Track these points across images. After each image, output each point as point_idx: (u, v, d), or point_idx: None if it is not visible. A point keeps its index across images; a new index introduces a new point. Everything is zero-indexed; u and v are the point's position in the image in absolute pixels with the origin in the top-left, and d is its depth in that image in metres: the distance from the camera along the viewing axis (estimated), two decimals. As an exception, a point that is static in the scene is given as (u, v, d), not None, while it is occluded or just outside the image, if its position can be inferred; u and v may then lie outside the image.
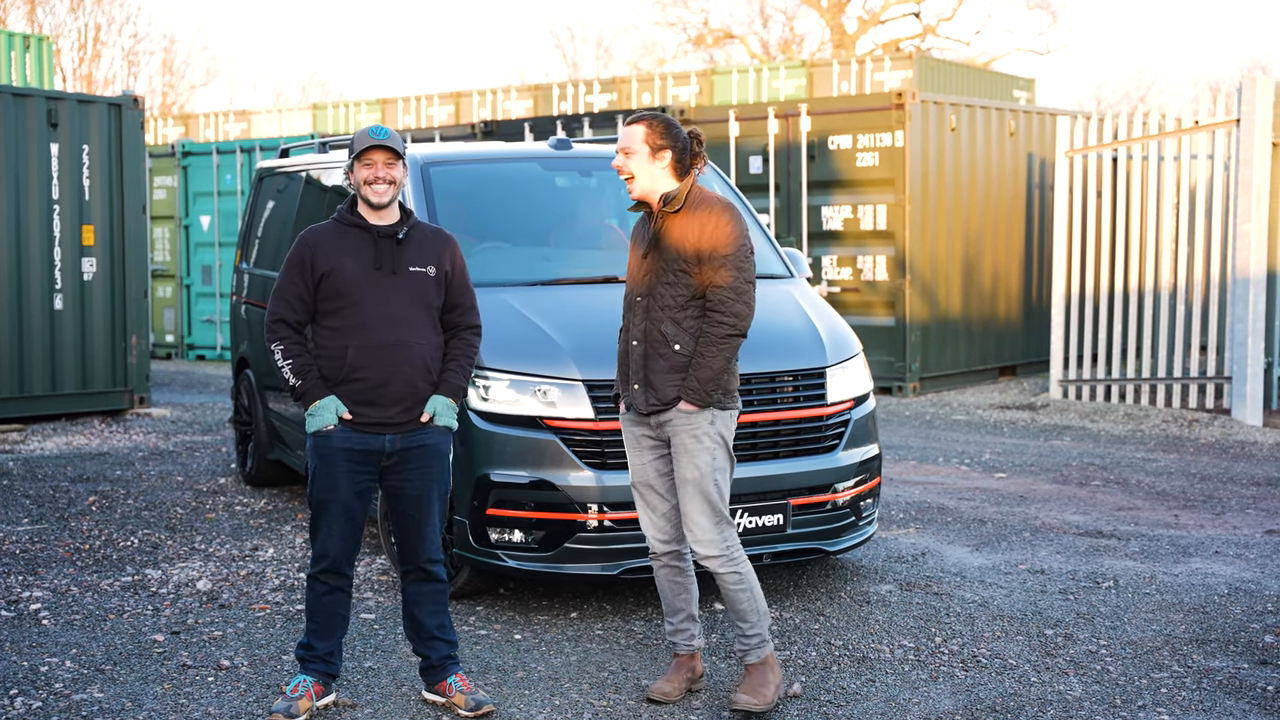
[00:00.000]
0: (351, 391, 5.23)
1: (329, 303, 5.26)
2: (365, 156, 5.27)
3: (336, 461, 5.24)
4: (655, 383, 5.34)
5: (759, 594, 5.39)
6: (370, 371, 5.22)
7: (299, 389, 5.23)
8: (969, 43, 42.60)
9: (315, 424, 5.22)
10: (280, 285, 5.32)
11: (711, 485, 5.30)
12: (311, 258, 5.26)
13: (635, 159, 5.35)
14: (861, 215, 14.85)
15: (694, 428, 5.30)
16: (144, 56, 42.76)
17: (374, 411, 5.24)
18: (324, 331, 5.29)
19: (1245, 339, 12.65)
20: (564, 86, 26.57)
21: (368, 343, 5.23)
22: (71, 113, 12.84)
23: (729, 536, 5.34)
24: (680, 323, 5.31)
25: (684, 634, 5.59)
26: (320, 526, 5.31)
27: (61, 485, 9.81)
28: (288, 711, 5.26)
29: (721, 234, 5.26)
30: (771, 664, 5.40)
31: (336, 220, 5.37)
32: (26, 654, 6.06)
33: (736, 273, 5.25)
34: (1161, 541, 8.17)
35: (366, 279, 5.25)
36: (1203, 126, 13.26)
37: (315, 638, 5.40)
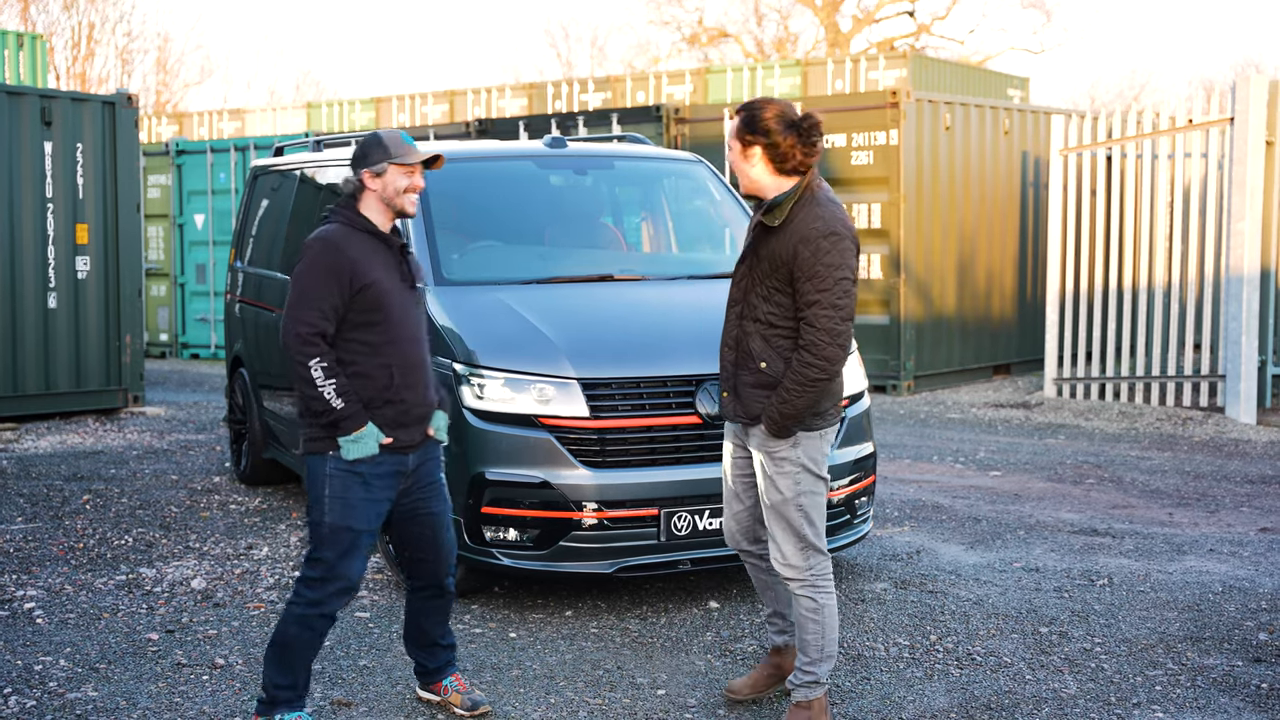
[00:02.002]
0: (392, 414, 4.96)
1: (364, 316, 4.90)
2: (409, 165, 4.99)
3: (376, 488, 4.96)
4: (743, 395, 5.03)
5: (830, 633, 5.08)
6: (408, 393, 4.99)
7: (344, 412, 4.82)
8: (963, 41, 42.72)
9: (358, 452, 4.87)
10: (312, 293, 4.84)
11: (793, 510, 5.00)
12: (352, 266, 4.87)
13: (732, 154, 4.96)
14: (856, 214, 14.85)
15: (775, 451, 5.00)
16: (138, 55, 42.76)
17: (404, 434, 5.00)
18: (358, 348, 4.92)
19: (1239, 337, 12.66)
20: (558, 85, 26.56)
21: (406, 362, 4.99)
22: (65, 111, 12.82)
23: (815, 564, 5.05)
24: (770, 340, 4.95)
25: (773, 626, 5.53)
26: (350, 558, 4.95)
27: (56, 484, 9.80)
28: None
29: (822, 264, 4.77)
30: (817, 712, 5.10)
31: (351, 226, 4.99)
32: (21, 653, 6.06)
33: (832, 311, 4.77)
34: (1156, 539, 8.18)
35: (397, 293, 4.98)
36: (1197, 125, 13.27)
37: (301, 671, 5.04)
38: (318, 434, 4.92)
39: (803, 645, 5.11)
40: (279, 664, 4.99)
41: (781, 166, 4.91)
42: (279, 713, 5.02)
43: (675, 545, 6.45)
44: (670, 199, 8.47)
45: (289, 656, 4.99)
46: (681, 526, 6.44)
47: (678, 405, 6.45)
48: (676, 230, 8.33)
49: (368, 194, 5.01)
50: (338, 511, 4.91)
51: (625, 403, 6.45)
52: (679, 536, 6.44)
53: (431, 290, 7.06)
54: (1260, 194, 12.73)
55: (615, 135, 9.39)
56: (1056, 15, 64.77)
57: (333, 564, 4.93)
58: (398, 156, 4.97)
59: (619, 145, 8.86)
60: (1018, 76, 27.72)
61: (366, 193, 5.01)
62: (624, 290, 7.36)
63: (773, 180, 4.94)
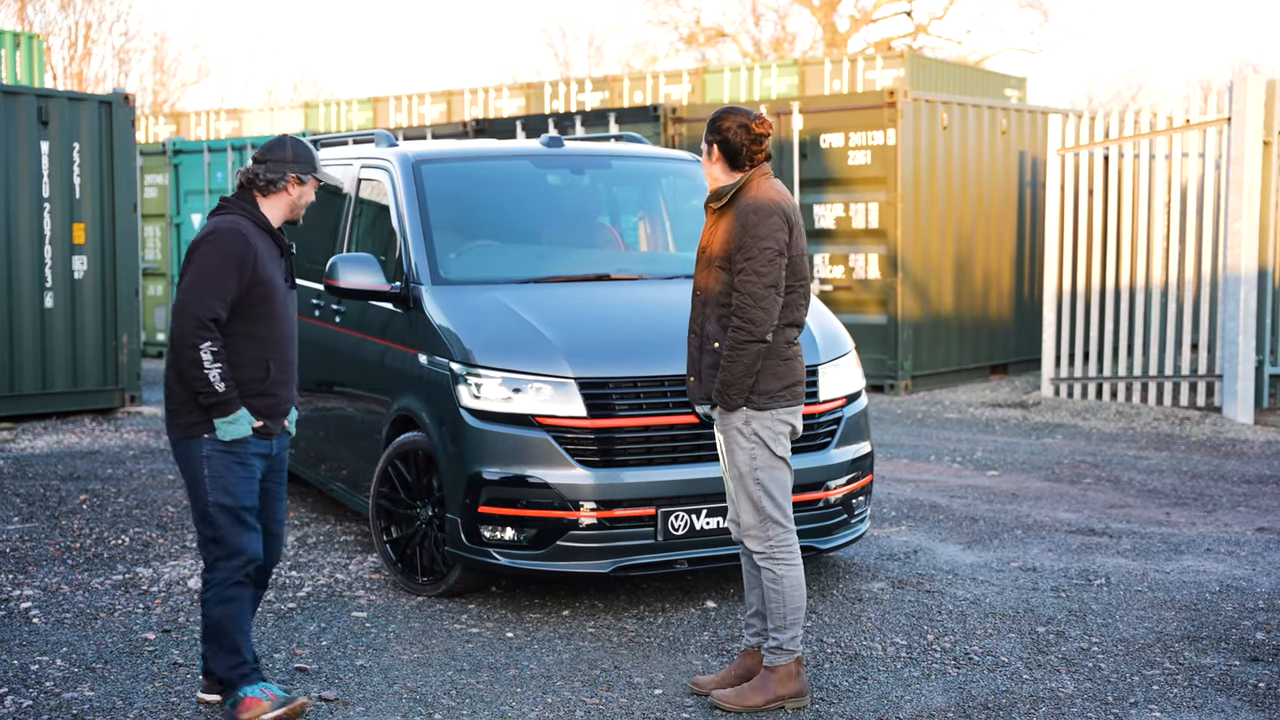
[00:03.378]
0: (263, 405, 5.21)
1: (254, 310, 5.13)
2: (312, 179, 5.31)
3: (248, 466, 5.19)
4: (704, 377, 5.41)
5: (792, 601, 5.37)
6: (281, 389, 5.26)
7: (223, 396, 5.05)
8: (960, 41, 42.65)
9: (235, 433, 5.11)
10: (214, 280, 5.03)
11: (753, 484, 5.33)
12: (254, 259, 5.10)
13: (703, 156, 5.43)
14: (854, 213, 14.85)
15: (729, 427, 5.34)
16: (135, 54, 42.67)
17: (271, 425, 5.26)
18: (243, 341, 5.14)
19: (1236, 337, 12.67)
20: (556, 85, 26.56)
21: (283, 359, 5.25)
22: (62, 111, 12.81)
23: (775, 535, 5.36)
24: (720, 320, 5.33)
25: (750, 628, 5.62)
26: (241, 531, 5.17)
27: (52, 484, 9.79)
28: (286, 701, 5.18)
29: (749, 235, 5.20)
30: (782, 678, 5.38)
31: (252, 221, 5.19)
32: (17, 652, 6.05)
33: (755, 277, 5.18)
34: (1153, 539, 8.18)
35: (282, 291, 5.23)
36: (1194, 125, 13.28)
37: (244, 646, 5.23)
38: (194, 418, 5.13)
39: (769, 613, 5.41)
40: (220, 647, 5.22)
41: (734, 163, 5.37)
42: (240, 689, 5.19)
43: (672, 545, 6.45)
44: (667, 198, 8.47)
45: (224, 637, 5.21)
46: (679, 526, 6.44)
47: (675, 405, 6.45)
48: (673, 229, 8.33)
49: (280, 195, 5.26)
50: (221, 491, 5.14)
51: (622, 402, 6.45)
52: (676, 536, 6.44)
53: (428, 289, 7.06)
54: (1257, 194, 12.73)
55: (613, 135, 9.38)
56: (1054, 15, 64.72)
57: (226, 540, 5.16)
58: (319, 173, 5.32)
59: (616, 145, 8.86)
60: (1015, 76, 27.73)
61: (280, 194, 5.25)
62: (621, 290, 7.36)
63: (726, 176, 5.39)
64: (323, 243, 8.43)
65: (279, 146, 5.28)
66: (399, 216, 7.46)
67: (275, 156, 5.24)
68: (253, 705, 5.16)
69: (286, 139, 5.34)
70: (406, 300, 7.15)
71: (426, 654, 6.05)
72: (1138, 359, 13.72)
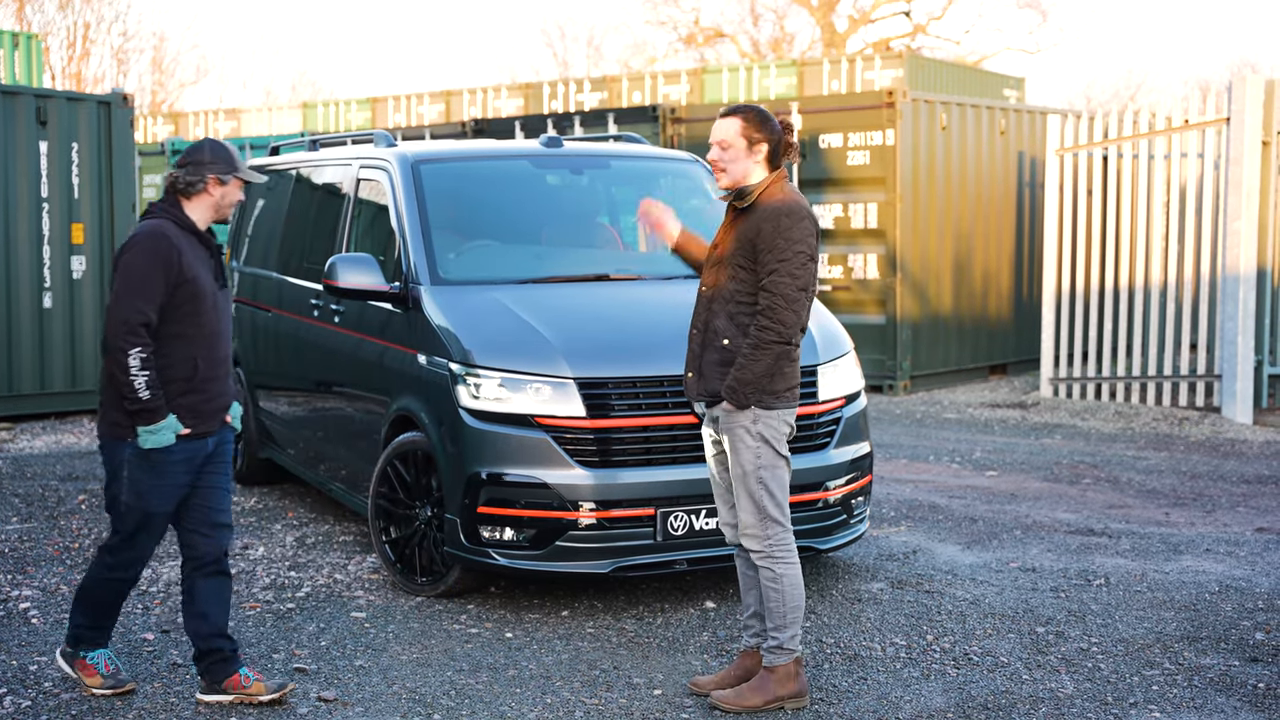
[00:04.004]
0: (193, 402, 5.30)
1: (182, 310, 5.24)
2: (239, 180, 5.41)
3: (170, 474, 5.29)
4: (707, 374, 5.38)
5: (791, 600, 5.37)
6: (212, 385, 5.36)
7: (149, 404, 5.15)
8: (959, 41, 42.68)
9: (157, 442, 5.21)
10: (141, 284, 5.15)
11: (755, 484, 5.32)
12: (179, 260, 5.22)
13: (731, 152, 5.33)
14: (852, 214, 14.85)
15: (736, 425, 5.32)
16: (133, 54, 42.65)
17: (202, 423, 5.34)
18: (171, 340, 5.25)
19: (1235, 337, 12.67)
20: (554, 85, 26.55)
21: (211, 356, 5.34)
22: (60, 111, 12.80)
23: (774, 534, 5.36)
24: (734, 318, 5.31)
25: (749, 630, 5.62)
26: (144, 535, 5.36)
27: (51, 484, 9.78)
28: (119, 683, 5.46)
29: (782, 237, 5.19)
30: (781, 678, 5.38)
31: (176, 224, 5.31)
32: (16, 653, 6.04)
33: (789, 279, 5.18)
34: (1152, 539, 8.18)
35: (210, 290, 5.34)
36: (1193, 125, 13.28)
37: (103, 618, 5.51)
38: (121, 419, 5.25)
39: (768, 613, 5.40)
40: (83, 607, 5.48)
41: (774, 163, 5.38)
42: (83, 650, 5.49)
43: (672, 545, 6.45)
44: (667, 198, 8.45)
45: (91, 604, 5.48)
46: (678, 526, 6.43)
47: (674, 405, 6.45)
48: (673, 230, 8.31)
49: (202, 196, 5.37)
50: (132, 494, 5.30)
51: (622, 402, 6.45)
52: (675, 536, 6.44)
53: (427, 290, 7.05)
54: (1256, 194, 12.73)
55: (611, 135, 9.38)
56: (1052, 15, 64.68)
57: (129, 537, 5.37)
58: (242, 173, 5.43)
59: (615, 145, 8.85)
60: (1014, 76, 27.74)
61: (202, 195, 5.37)
62: (620, 290, 7.36)
63: (759, 175, 5.36)
64: (322, 243, 8.43)
65: (198, 150, 5.42)
66: (398, 217, 7.46)
67: (194, 159, 5.38)
68: (89, 671, 5.48)
69: (205, 142, 5.49)
70: (405, 300, 7.14)
71: (425, 654, 6.05)
72: (1137, 359, 13.72)
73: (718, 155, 5.37)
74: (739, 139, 5.32)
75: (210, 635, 5.47)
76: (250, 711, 5.37)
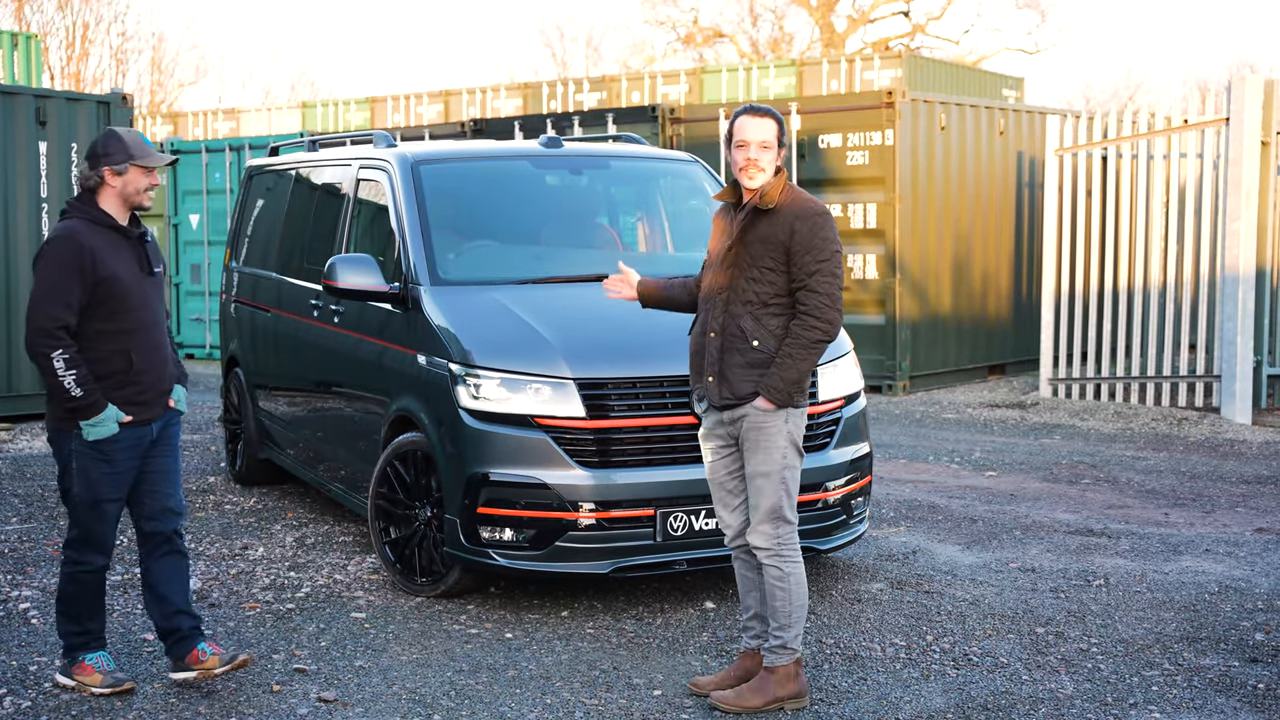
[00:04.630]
0: (131, 394, 5.38)
1: (103, 307, 5.30)
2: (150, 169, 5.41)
3: (119, 461, 5.39)
4: (730, 377, 5.34)
5: (797, 599, 5.38)
6: (147, 374, 5.42)
7: (83, 400, 5.25)
8: (958, 42, 42.67)
9: (100, 433, 5.31)
10: (55, 288, 5.23)
11: (779, 483, 5.34)
12: (91, 261, 5.26)
13: (770, 154, 5.37)
14: (851, 214, 14.85)
15: (768, 426, 5.32)
16: (132, 55, 42.61)
17: (144, 410, 5.43)
18: (98, 337, 5.32)
19: (1234, 337, 12.67)
20: (553, 85, 26.56)
21: (144, 345, 5.40)
22: (60, 111, 12.79)
23: (784, 534, 5.37)
24: (760, 319, 5.31)
25: (749, 631, 5.61)
26: (100, 524, 5.43)
27: (50, 484, 9.77)
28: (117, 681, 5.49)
29: (819, 238, 5.26)
30: (781, 679, 5.38)
31: (89, 220, 5.35)
32: (15, 653, 6.04)
33: (831, 279, 5.27)
34: (1152, 539, 8.18)
35: (135, 283, 5.38)
36: (1192, 125, 13.28)
37: (88, 620, 5.55)
38: (62, 414, 5.36)
39: (772, 612, 5.40)
40: (66, 615, 5.55)
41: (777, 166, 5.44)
42: (79, 655, 5.53)
43: (671, 545, 6.45)
44: (666, 199, 8.46)
45: (72, 608, 5.53)
46: (678, 527, 6.43)
47: (674, 405, 6.45)
48: (672, 230, 8.32)
49: (106, 189, 5.39)
50: (83, 485, 5.39)
51: (621, 403, 6.45)
52: (675, 537, 6.44)
53: (427, 290, 7.05)
54: (1255, 194, 12.73)
55: (611, 135, 9.39)
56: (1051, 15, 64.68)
57: (86, 528, 5.45)
58: (140, 158, 5.38)
59: (614, 145, 8.85)
60: (1013, 77, 27.76)
61: (105, 188, 5.38)
62: (620, 290, 7.34)
63: (773, 178, 5.41)
64: (321, 243, 8.43)
65: (94, 144, 5.48)
66: (397, 217, 7.46)
67: (91, 154, 5.42)
68: (88, 671, 5.51)
69: (102, 135, 5.51)
70: (405, 301, 7.14)
71: (425, 655, 6.05)
72: (1136, 359, 13.72)
73: (758, 155, 5.34)
74: (775, 141, 5.37)
75: (170, 614, 5.60)
76: (250, 711, 5.37)
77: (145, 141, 5.47)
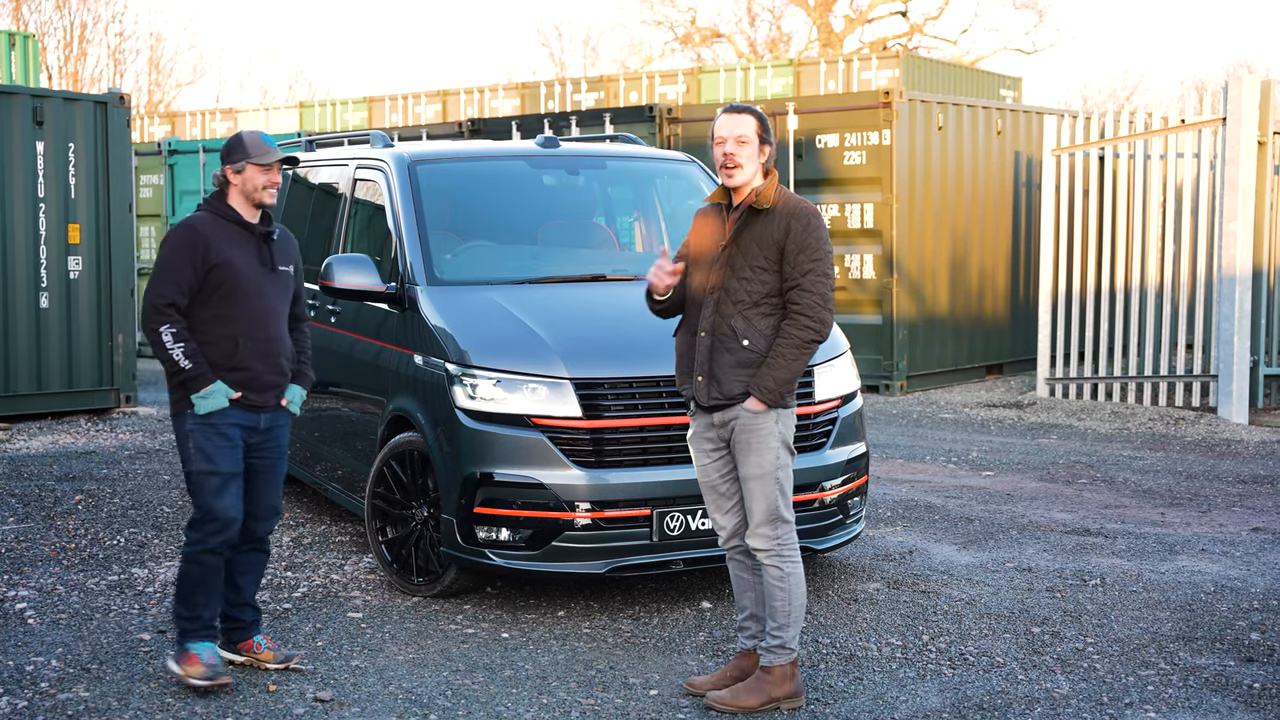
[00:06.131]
0: (239, 379, 5.60)
1: (217, 293, 5.58)
2: (267, 165, 5.65)
3: (232, 435, 5.60)
4: (720, 377, 5.34)
5: (796, 599, 5.38)
6: (255, 363, 5.63)
7: (191, 372, 5.49)
8: (956, 41, 42.65)
9: (209, 406, 5.53)
10: (168, 270, 5.54)
11: (773, 483, 5.34)
12: (205, 248, 5.55)
13: (749, 149, 5.34)
14: (849, 214, 14.86)
15: (759, 427, 5.31)
16: (130, 54, 42.65)
17: (253, 396, 5.64)
18: (209, 320, 5.59)
19: (1231, 337, 12.68)
20: (551, 85, 26.55)
21: (253, 335, 5.62)
22: (57, 111, 12.79)
23: (782, 534, 5.37)
24: (751, 319, 5.31)
25: (745, 631, 5.61)
26: (220, 495, 5.56)
27: (47, 484, 9.78)
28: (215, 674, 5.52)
29: (814, 238, 5.28)
30: (778, 679, 5.38)
31: (214, 214, 5.67)
32: (12, 653, 6.04)
33: (824, 279, 5.28)
34: (1148, 539, 8.19)
35: (252, 274, 5.64)
36: (1189, 125, 13.29)
37: (203, 607, 5.64)
38: (177, 395, 5.61)
39: (771, 612, 5.39)
40: (181, 600, 5.65)
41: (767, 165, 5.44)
42: (186, 642, 5.60)
43: (668, 545, 6.45)
44: (663, 199, 8.47)
45: (187, 593, 5.63)
46: (674, 527, 6.44)
47: (670, 405, 6.45)
48: (669, 230, 8.33)
49: (232, 188, 5.69)
50: (201, 458, 5.57)
51: (618, 403, 6.45)
52: (671, 537, 6.44)
53: (423, 290, 7.05)
54: (1252, 194, 12.75)
55: (608, 135, 9.38)
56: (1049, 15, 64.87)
57: (206, 505, 5.57)
58: (255, 156, 5.65)
59: (612, 145, 8.85)
60: (1010, 76, 27.75)
61: (230, 187, 5.69)
62: (617, 290, 7.36)
63: (760, 176, 5.42)
64: (318, 243, 8.43)
65: (224, 146, 5.74)
66: (394, 217, 7.46)
67: (222, 156, 5.72)
68: (192, 661, 5.56)
69: (228, 139, 5.81)
70: (402, 301, 7.15)
71: (422, 655, 6.05)
72: (1133, 359, 13.73)
73: (736, 150, 5.30)
74: (755, 137, 5.34)
75: (237, 604, 5.84)
76: (246, 711, 5.37)
77: (266, 140, 5.73)
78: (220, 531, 5.58)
